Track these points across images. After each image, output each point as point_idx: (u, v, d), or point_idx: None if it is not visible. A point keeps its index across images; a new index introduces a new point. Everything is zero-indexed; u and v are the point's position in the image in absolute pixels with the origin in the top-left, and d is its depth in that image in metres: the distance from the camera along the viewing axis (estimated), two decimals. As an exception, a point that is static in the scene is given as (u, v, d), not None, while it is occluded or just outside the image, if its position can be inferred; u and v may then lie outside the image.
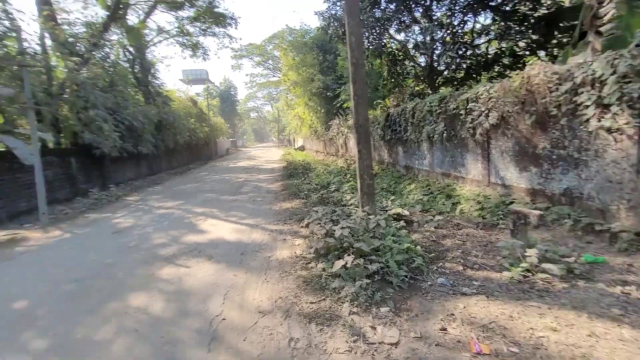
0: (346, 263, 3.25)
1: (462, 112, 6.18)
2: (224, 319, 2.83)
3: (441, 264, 3.66)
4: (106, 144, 10.68)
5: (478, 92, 5.75)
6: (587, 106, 3.87)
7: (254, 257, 4.26)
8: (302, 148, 31.30)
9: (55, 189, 9.18)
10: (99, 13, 17.09)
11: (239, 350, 2.40)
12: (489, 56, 9.93)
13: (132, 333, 2.70)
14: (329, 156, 17.86)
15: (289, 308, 2.92)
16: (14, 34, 9.76)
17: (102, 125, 10.63)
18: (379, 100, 11.88)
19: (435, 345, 2.23)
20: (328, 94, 16.01)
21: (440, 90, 9.75)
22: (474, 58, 10.16)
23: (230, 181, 12.27)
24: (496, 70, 9.90)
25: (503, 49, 9.75)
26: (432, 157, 7.82)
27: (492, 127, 5.50)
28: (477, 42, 10.36)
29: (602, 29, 4.56)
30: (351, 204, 6.12)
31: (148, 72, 19.51)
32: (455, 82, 10.53)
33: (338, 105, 14.66)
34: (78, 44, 12.67)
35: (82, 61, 11.84)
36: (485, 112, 5.54)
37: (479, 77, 10.19)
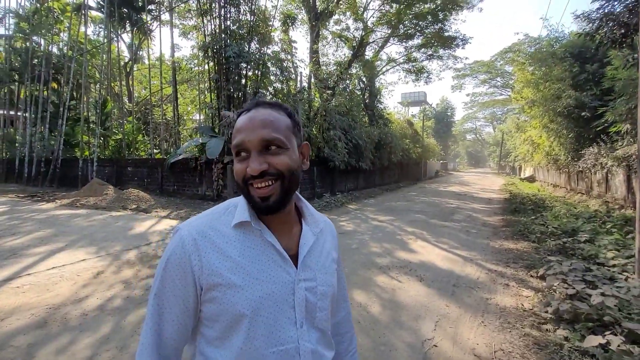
0: (608, 343, 2.42)
1: None
2: (435, 346, 2.80)
3: None
4: (338, 158, 13.19)
5: None
6: None
7: (468, 293, 3.96)
8: (531, 179, 25.92)
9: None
10: (346, 53, 21.39)
11: (452, 387, 2.31)
12: None
13: (356, 323, 3.17)
14: (575, 194, 13.83)
15: (514, 367, 2.50)
16: (293, 76, 14.05)
17: (337, 143, 13.24)
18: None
19: None
20: (582, 114, 12.42)
21: None
22: None
23: (440, 205, 11.96)
24: None
25: None
26: None
27: None
28: None
29: None
30: (613, 265, 4.46)
31: (375, 98, 22.42)
32: None
33: (598, 128, 11.09)
34: (330, 80, 16.48)
35: (332, 93, 15.26)
36: None
37: None
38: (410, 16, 19.74)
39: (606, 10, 9.08)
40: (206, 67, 13.08)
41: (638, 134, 3.66)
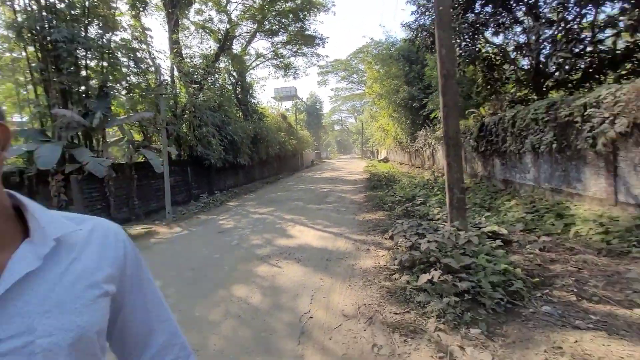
0: (432, 277, 3.16)
1: (578, 119, 5.33)
2: (311, 317, 3.05)
3: (547, 290, 3.22)
4: (213, 156, 12.51)
5: (600, 96, 4.91)
6: None
7: (338, 264, 4.45)
8: (385, 160, 30.87)
9: (176, 193, 11.13)
10: (212, 46, 20.30)
11: (325, 347, 2.57)
12: (618, 52, 8.30)
13: (236, 318, 3.13)
14: (414, 168, 17.22)
15: (373, 315, 2.98)
16: (152, 69, 12.44)
17: (211, 140, 12.53)
18: (471, 110, 11.05)
19: (538, 378, 2.00)
20: (414, 104, 15.58)
21: (551, 95, 8.57)
22: (595, 55, 8.63)
23: (316, 191, 12.92)
24: (628, 68, 8.20)
25: (638, 41, 8.03)
26: (538, 170, 6.90)
27: (620, 135, 4.61)
28: (599, 36, 8.78)
29: None
30: (438, 219, 5.84)
31: (247, 93, 22.16)
32: (570, 85, 9.08)
33: (424, 115, 14.14)
34: (196, 73, 15.31)
35: (199, 87, 14.22)
36: (611, 118, 4.69)
37: (602, 78, 8.60)
38: (273, 13, 20.22)
39: (420, 22, 11.47)
40: (24, 53, 10.00)
41: (441, 120, 4.84)
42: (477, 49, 9.98)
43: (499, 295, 3.03)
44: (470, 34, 9.69)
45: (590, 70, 8.68)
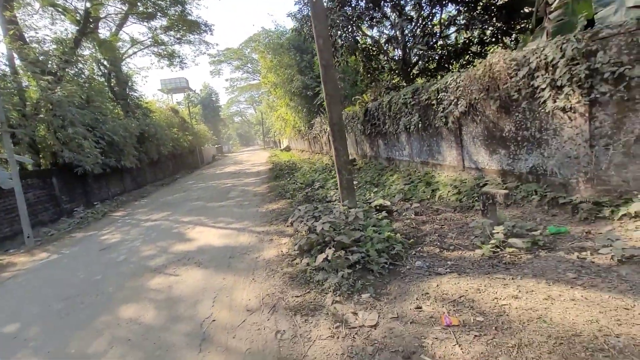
0: (327, 256, 3.41)
1: (434, 102, 6.41)
2: (214, 320, 2.95)
3: (420, 248, 3.86)
4: (87, 161, 10.55)
5: (447, 82, 5.98)
6: (543, 89, 4.11)
7: (241, 259, 4.38)
8: (287, 149, 31.33)
9: (38, 212, 9.05)
10: (69, 29, 16.76)
11: (228, 348, 2.53)
12: (459, 46, 10.23)
13: (125, 343, 2.79)
14: (314, 154, 17.99)
15: (276, 303, 3.06)
16: None
17: (82, 143, 10.50)
18: (357, 97, 12.07)
19: (410, 322, 2.40)
20: (308, 93, 16.13)
21: (416, 82, 10.00)
22: (445, 48, 10.45)
23: (217, 188, 12.28)
24: (466, 58, 10.21)
25: (472, 37, 10.05)
26: (411, 147, 8.05)
27: (462, 114, 5.74)
28: (447, 32, 10.64)
29: (550, 15, 4.83)
30: (335, 200, 6.28)
31: (125, 85, 19.27)
32: (429, 73, 10.81)
33: (318, 103, 14.82)
34: (50, 62, 12.43)
35: (56, 79, 11.63)
36: (455, 100, 5.78)
37: (450, 67, 10.49)
38: (147, -8, 17.74)
39: (304, 13, 11.78)
40: None
41: (326, 108, 5.14)
42: (356, 41, 10.85)
43: (383, 260, 3.48)
44: (349, 26, 10.46)
45: (442, 60, 10.45)
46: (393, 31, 10.82)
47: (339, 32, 10.41)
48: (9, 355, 2.84)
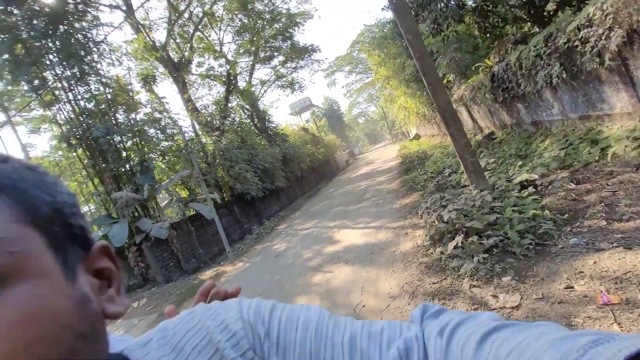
0: (457, 243, 3.43)
1: (577, 42, 5.19)
2: (364, 306, 3.49)
3: (577, 223, 3.32)
4: (252, 189, 13.53)
5: (589, 15, 4.77)
6: None
7: (381, 254, 4.82)
8: (417, 137, 30.04)
9: (230, 233, 12.21)
10: (220, 90, 21.85)
11: (378, 328, 2.98)
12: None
13: (303, 323, 3.67)
14: (446, 136, 16.80)
15: (414, 290, 3.33)
16: (176, 130, 13.87)
17: (246, 175, 13.58)
18: (479, 63, 10.74)
19: (558, 303, 2.23)
20: (422, 76, 15.37)
21: (555, 20, 8.15)
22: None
23: (354, 191, 13.29)
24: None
25: None
26: (561, 102, 6.66)
27: (622, 46, 4.45)
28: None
29: None
30: (468, 184, 5.93)
31: (264, 120, 23.38)
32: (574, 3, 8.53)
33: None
34: (214, 120, 16.63)
35: (220, 132, 15.49)
36: (606, 33, 4.55)
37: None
38: (262, 41, 21.35)
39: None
40: (74, 155, 11.96)
41: (431, 97, 5.02)
42: (459, 6, 9.75)
43: (527, 241, 3.21)
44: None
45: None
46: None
47: (439, 6, 9.65)
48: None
